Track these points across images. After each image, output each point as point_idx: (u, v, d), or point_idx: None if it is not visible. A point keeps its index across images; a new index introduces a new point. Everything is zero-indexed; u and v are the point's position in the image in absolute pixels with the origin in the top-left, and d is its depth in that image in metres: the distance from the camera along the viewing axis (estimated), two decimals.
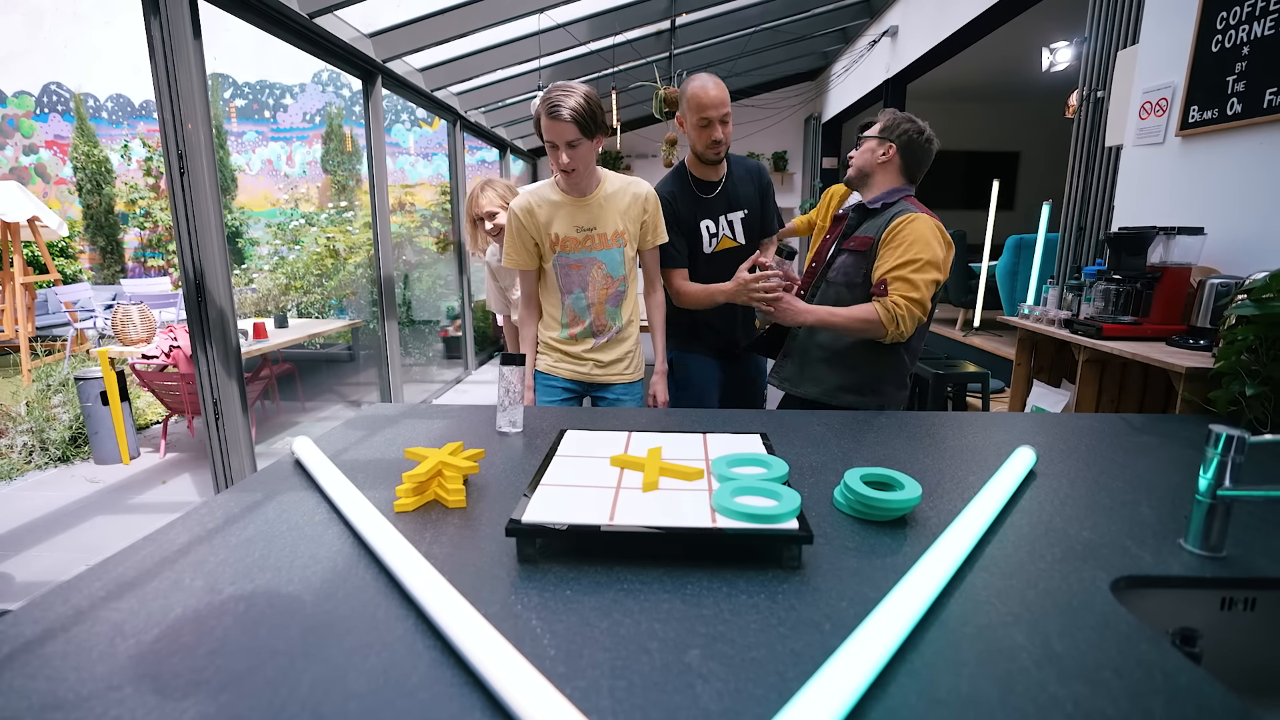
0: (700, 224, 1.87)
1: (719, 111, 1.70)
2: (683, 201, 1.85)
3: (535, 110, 1.59)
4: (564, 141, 1.55)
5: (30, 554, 2.49)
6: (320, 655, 0.59)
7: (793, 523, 0.75)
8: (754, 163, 1.98)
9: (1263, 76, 1.76)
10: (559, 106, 1.52)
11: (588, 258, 1.70)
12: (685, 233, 1.86)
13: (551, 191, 1.69)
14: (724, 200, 1.88)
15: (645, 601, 0.68)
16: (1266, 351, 1.27)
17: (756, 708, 0.52)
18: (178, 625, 0.64)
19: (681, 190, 1.86)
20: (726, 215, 1.89)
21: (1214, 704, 0.53)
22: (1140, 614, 0.72)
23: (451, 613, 0.61)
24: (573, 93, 1.54)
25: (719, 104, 1.69)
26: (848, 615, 0.65)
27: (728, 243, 1.90)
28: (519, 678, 0.52)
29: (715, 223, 1.88)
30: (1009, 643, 0.61)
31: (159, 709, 0.52)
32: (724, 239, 1.90)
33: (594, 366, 1.78)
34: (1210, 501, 0.77)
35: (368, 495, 0.92)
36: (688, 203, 1.85)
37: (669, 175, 1.91)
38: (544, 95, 1.56)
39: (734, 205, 1.89)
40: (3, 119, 8.59)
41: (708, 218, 1.87)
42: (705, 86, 1.69)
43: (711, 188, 1.87)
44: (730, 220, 1.90)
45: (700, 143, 1.76)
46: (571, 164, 1.58)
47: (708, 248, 1.89)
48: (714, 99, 1.69)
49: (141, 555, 0.78)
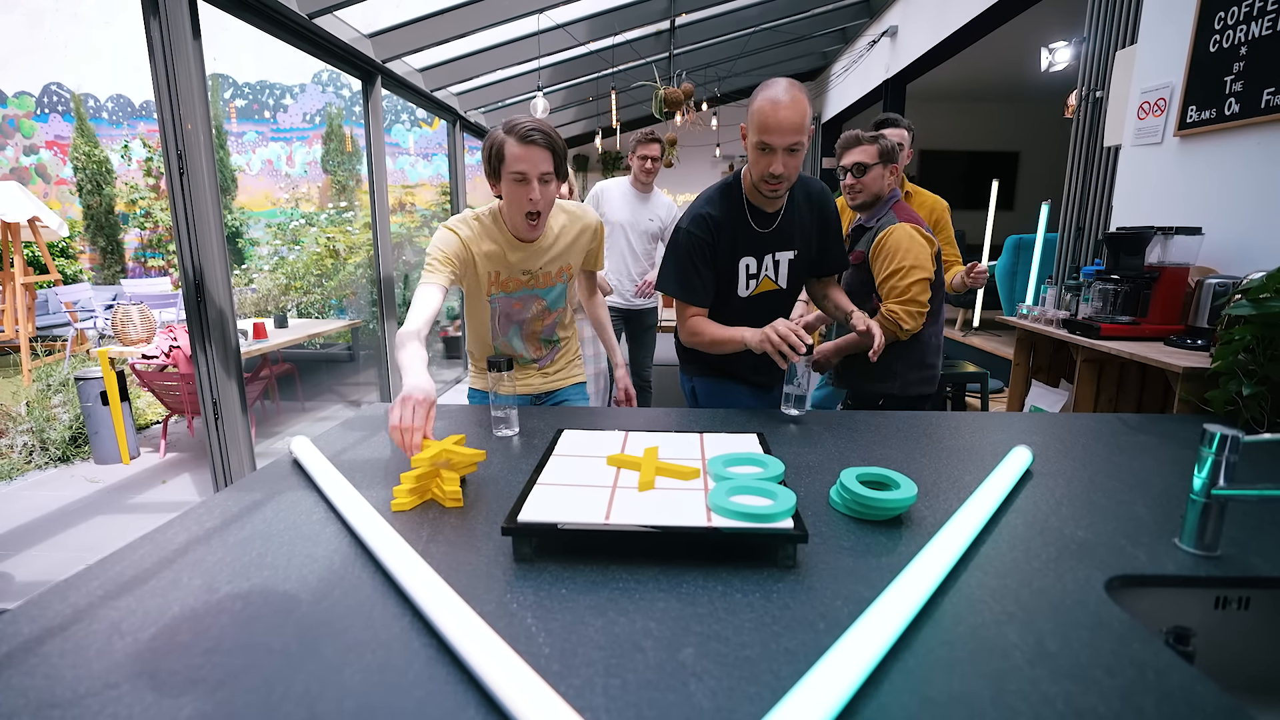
0: (740, 262, 1.54)
1: (785, 140, 1.32)
2: (726, 230, 1.50)
3: (493, 141, 1.35)
4: (538, 174, 1.34)
5: (30, 554, 2.50)
6: (316, 653, 0.59)
7: (788, 522, 0.75)
8: (818, 185, 1.60)
9: (1260, 77, 1.76)
10: (534, 130, 1.32)
11: (530, 295, 1.54)
12: (719, 269, 1.54)
13: (498, 230, 1.46)
14: (777, 237, 1.54)
15: (640, 600, 0.68)
16: (1263, 351, 1.27)
17: (750, 706, 0.52)
18: (175, 624, 0.64)
19: (729, 217, 1.50)
20: (775, 254, 1.56)
21: (1206, 702, 0.53)
22: (1135, 613, 0.72)
23: (447, 611, 0.61)
24: (540, 121, 1.35)
25: (788, 129, 1.31)
26: (842, 614, 0.65)
27: (768, 285, 1.58)
28: (514, 676, 0.52)
29: (758, 261, 1.55)
30: (1002, 641, 0.61)
31: (156, 706, 0.52)
32: (764, 280, 1.58)
33: (540, 379, 1.68)
34: (1205, 501, 0.77)
35: (365, 495, 0.92)
36: (733, 233, 1.51)
37: (716, 190, 1.54)
38: (506, 123, 1.35)
39: (785, 243, 1.56)
40: (3, 119, 8.60)
41: (750, 255, 1.54)
42: (776, 103, 1.31)
43: (769, 220, 1.52)
44: (777, 260, 1.56)
45: (755, 170, 1.41)
46: (540, 204, 1.37)
47: (744, 290, 1.57)
48: (782, 122, 1.31)
49: (139, 554, 0.78)
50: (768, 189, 1.41)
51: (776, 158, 1.35)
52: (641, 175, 3.05)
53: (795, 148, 1.34)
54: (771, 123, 1.32)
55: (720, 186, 1.54)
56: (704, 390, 1.71)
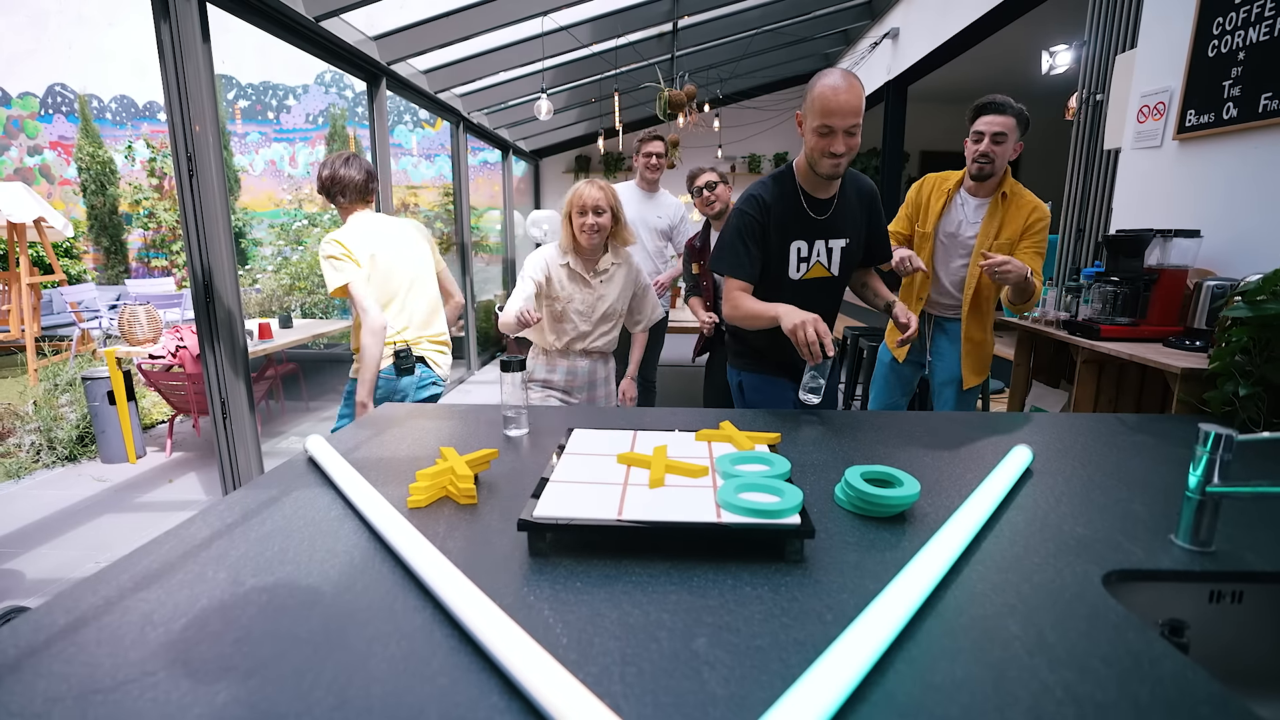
0: (791, 245, 1.60)
1: (845, 122, 1.44)
2: (779, 213, 1.58)
3: None
4: None
5: (40, 551, 2.52)
6: (342, 643, 0.62)
7: (795, 518, 0.77)
8: (867, 182, 1.69)
9: (1258, 81, 1.78)
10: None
11: None
12: (770, 250, 1.60)
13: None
14: (830, 224, 1.61)
15: (653, 593, 0.70)
16: (1260, 353, 1.29)
17: (761, 693, 0.55)
18: (204, 615, 0.66)
19: (784, 202, 1.58)
20: (827, 241, 1.62)
21: (1197, 689, 0.55)
22: (1131, 606, 0.75)
23: (468, 603, 0.64)
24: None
25: (848, 112, 1.43)
26: (848, 606, 0.67)
27: (820, 271, 1.64)
28: (536, 663, 0.54)
29: (809, 245, 1.61)
30: (1003, 633, 0.63)
31: (192, 692, 0.55)
32: (817, 266, 1.63)
33: None
34: (1200, 498, 0.79)
35: (381, 492, 0.94)
36: (786, 217, 1.58)
37: (769, 178, 1.62)
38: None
39: (838, 231, 1.62)
40: (8, 120, 8.63)
41: (801, 239, 1.60)
42: (836, 88, 1.42)
43: (824, 207, 1.59)
44: (830, 247, 1.63)
45: (817, 151, 1.49)
46: None
47: (795, 273, 1.63)
48: (843, 105, 1.42)
49: (165, 549, 0.81)
50: (830, 165, 1.49)
51: (838, 138, 1.45)
52: (647, 173, 3.09)
53: (853, 129, 1.45)
54: (833, 106, 1.42)
55: (773, 175, 1.63)
56: (750, 385, 1.74)
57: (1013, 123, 1.89)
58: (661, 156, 3.09)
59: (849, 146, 1.47)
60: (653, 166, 3.08)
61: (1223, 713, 0.53)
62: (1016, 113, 1.90)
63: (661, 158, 3.09)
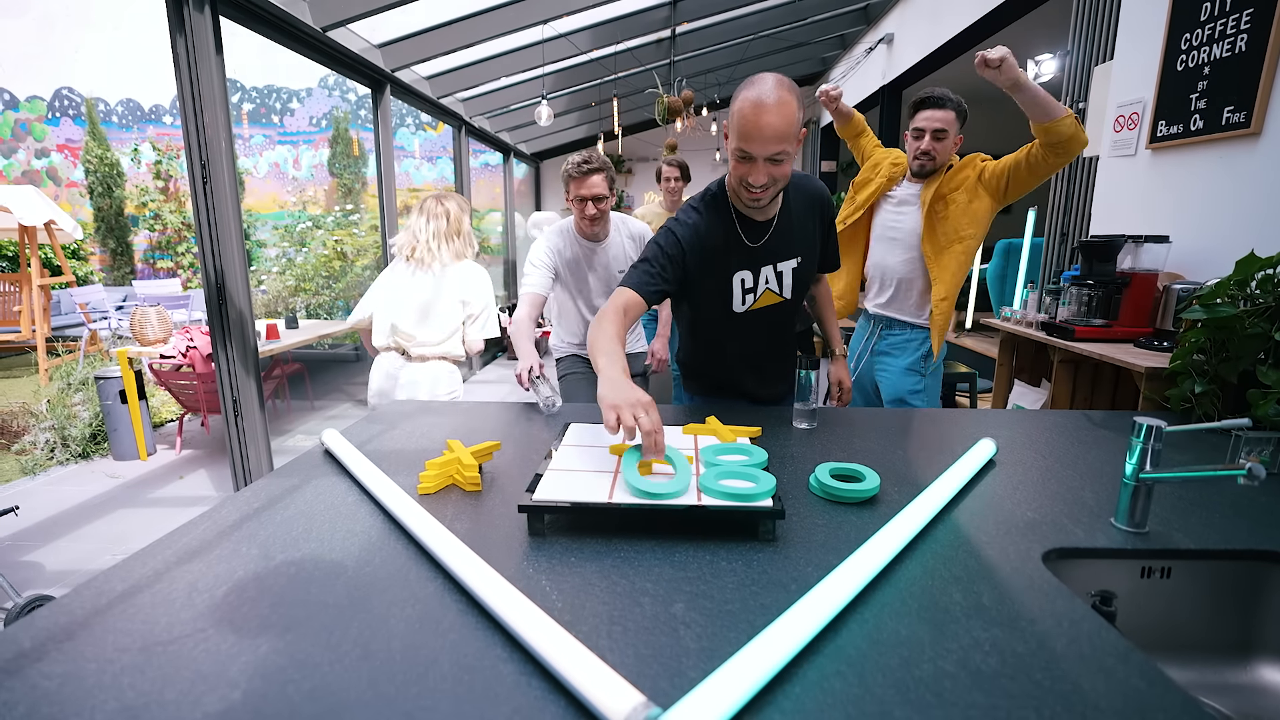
0: (734, 277, 1.38)
1: (766, 149, 1.14)
2: (711, 245, 1.34)
3: None
4: None
5: (58, 544, 2.61)
6: (365, 607, 0.70)
7: (768, 501, 0.86)
8: (818, 186, 1.45)
9: (1221, 95, 1.87)
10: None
11: None
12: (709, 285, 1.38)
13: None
14: (772, 248, 1.38)
15: (639, 566, 0.79)
16: (1215, 353, 1.38)
17: (729, 648, 0.63)
18: (242, 583, 0.75)
19: (715, 228, 1.34)
20: (775, 265, 1.39)
21: (1108, 645, 0.64)
22: (1070, 581, 0.83)
23: (474, 572, 0.72)
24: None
25: (769, 138, 1.13)
26: (813, 578, 0.76)
27: (771, 298, 1.43)
28: (533, 620, 0.63)
29: (755, 275, 1.38)
30: (946, 599, 0.72)
31: (238, 645, 0.64)
32: (766, 294, 1.42)
33: None
34: (1134, 484, 0.88)
35: (393, 480, 1.03)
36: (722, 248, 1.35)
37: (701, 199, 1.37)
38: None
39: (786, 253, 1.39)
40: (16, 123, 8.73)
41: (745, 269, 1.37)
42: (759, 105, 1.12)
43: (760, 231, 1.35)
44: (779, 271, 1.40)
45: (734, 178, 1.25)
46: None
47: (739, 305, 1.40)
48: (764, 129, 1.12)
49: (201, 529, 0.89)
50: (748, 197, 1.24)
51: (758, 167, 1.17)
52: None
53: (779, 157, 1.16)
54: (752, 128, 1.13)
55: (703, 197, 1.38)
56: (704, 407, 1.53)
57: (953, 117, 1.85)
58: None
59: (773, 177, 1.18)
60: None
61: (1125, 663, 0.61)
62: (956, 106, 1.85)
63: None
